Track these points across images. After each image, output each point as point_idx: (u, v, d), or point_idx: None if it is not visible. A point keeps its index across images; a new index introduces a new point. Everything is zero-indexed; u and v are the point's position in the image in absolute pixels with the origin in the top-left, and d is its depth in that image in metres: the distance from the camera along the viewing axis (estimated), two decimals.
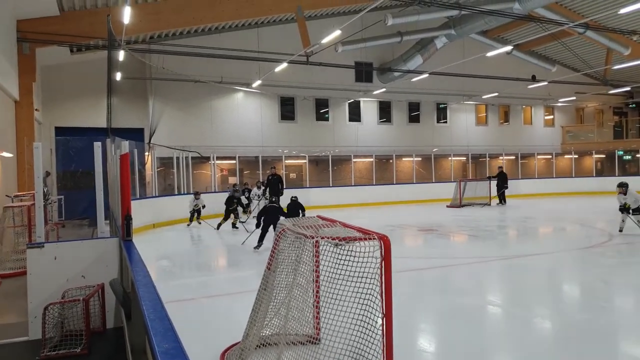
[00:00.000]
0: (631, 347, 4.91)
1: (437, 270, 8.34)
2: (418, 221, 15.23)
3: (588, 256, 9.26)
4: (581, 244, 10.58)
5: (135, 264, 4.20)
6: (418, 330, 5.51)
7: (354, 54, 21.07)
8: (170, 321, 2.27)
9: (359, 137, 22.64)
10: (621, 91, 27.40)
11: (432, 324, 5.77)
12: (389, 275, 3.41)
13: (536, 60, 24.03)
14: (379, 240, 3.47)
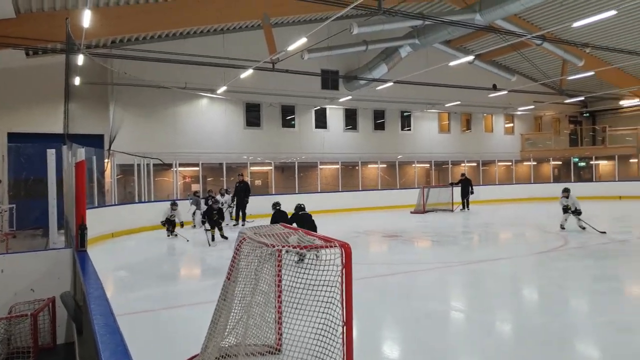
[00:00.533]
0: (585, 349, 5.07)
1: (401, 276, 8.39)
2: (383, 227, 15.34)
3: (545, 260, 9.52)
4: (539, 249, 10.88)
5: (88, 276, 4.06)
6: (381, 337, 5.53)
7: (320, 61, 21.17)
8: (122, 335, 2.19)
9: (325, 143, 22.72)
10: (576, 101, 28.50)
11: (396, 330, 5.79)
12: (349, 283, 3.40)
13: (497, 70, 24.71)
14: (340, 248, 3.45)
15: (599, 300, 6.76)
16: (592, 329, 5.51)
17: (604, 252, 10.09)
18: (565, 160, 28.28)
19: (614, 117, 30.50)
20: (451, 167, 25.52)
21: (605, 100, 28.71)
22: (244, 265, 4.33)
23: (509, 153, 28.19)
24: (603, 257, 9.52)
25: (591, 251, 10.20)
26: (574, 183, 24.83)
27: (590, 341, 5.24)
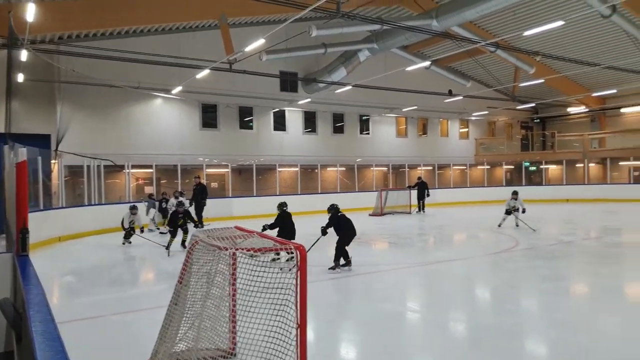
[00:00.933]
0: (535, 347, 5.20)
1: (359, 277, 8.41)
2: None
3: (497, 261, 9.76)
4: (491, 250, 11.16)
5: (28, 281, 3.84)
6: (339, 338, 5.51)
7: (279, 63, 21.05)
8: (62, 343, 2.07)
9: (284, 146, 22.61)
10: (527, 107, 29.59)
11: (353, 332, 5.79)
12: (304, 285, 3.38)
13: (452, 76, 25.31)
14: (295, 250, 3.45)
15: (547, 300, 6.96)
16: (541, 328, 5.66)
17: (552, 253, 10.44)
18: (517, 164, 29.28)
19: (563, 124, 31.87)
20: (408, 170, 25.92)
21: (555, 107, 29.96)
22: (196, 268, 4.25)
23: (464, 157, 28.92)
24: (551, 258, 9.85)
25: (540, 252, 10.53)
26: (525, 186, 25.75)
27: (539, 339, 5.37)
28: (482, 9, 14.87)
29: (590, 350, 4.87)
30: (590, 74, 24.89)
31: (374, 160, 25.20)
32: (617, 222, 16.52)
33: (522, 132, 32.27)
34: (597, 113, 29.71)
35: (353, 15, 14.82)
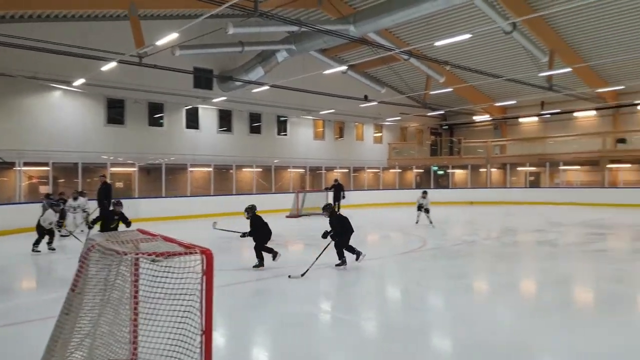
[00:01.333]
0: (439, 342, 5.37)
1: (272, 280, 8.25)
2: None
3: (407, 260, 10.02)
4: (401, 250, 11.46)
5: None
6: (249, 343, 5.35)
7: (193, 59, 20.32)
8: None
9: (197, 145, 21.82)
10: (437, 114, 31.09)
11: (264, 336, 5.65)
12: (210, 291, 3.25)
13: (368, 81, 25.92)
14: (200, 255, 3.29)
15: (450, 296, 7.24)
16: (446, 324, 5.87)
17: (456, 252, 10.92)
18: (427, 168, 30.64)
19: (469, 131, 33.85)
20: (325, 172, 26.16)
21: (462, 114, 31.73)
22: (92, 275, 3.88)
23: (378, 161, 29.76)
24: (455, 257, 10.28)
25: (446, 252, 10.98)
26: (434, 189, 26.91)
27: (443, 335, 5.57)
28: (397, 17, 15.30)
29: (488, 343, 5.07)
30: (494, 85, 26.65)
31: (292, 161, 25.14)
32: (514, 223, 17.73)
33: (432, 137, 33.84)
34: (499, 122, 31.91)
35: (271, 15, 14.61)
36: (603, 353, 4.72)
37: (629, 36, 20.27)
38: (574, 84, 24.02)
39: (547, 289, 7.76)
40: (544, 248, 11.84)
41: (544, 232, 14.86)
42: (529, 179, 29.44)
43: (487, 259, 10.39)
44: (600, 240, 12.96)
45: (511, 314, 6.24)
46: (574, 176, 27.93)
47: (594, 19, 19.53)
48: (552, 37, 20.76)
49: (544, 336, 5.26)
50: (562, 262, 9.80)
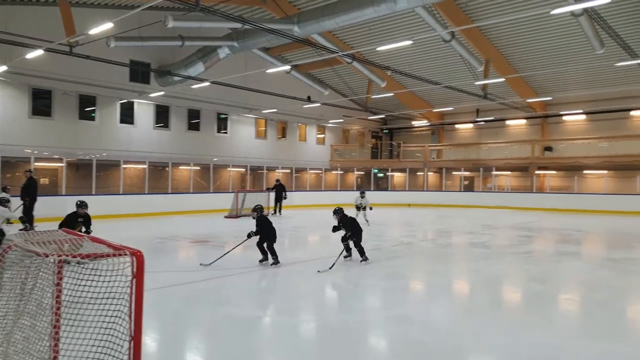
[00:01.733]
0: (375, 341, 5.39)
1: (209, 282, 7.99)
2: (192, 232, 14.64)
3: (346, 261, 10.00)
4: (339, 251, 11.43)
5: None
6: (184, 348, 5.11)
7: (130, 51, 19.45)
8: None
9: (131, 141, 20.87)
10: (378, 118, 31.62)
11: (199, 340, 5.44)
12: (140, 294, 3.11)
13: (311, 83, 25.91)
14: (130, 257, 3.15)
15: (387, 296, 7.30)
16: (381, 323, 5.90)
17: (394, 252, 11.07)
18: (367, 170, 31.09)
19: (407, 135, 34.71)
20: (266, 172, 25.87)
21: (401, 119, 32.48)
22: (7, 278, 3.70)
23: (320, 162, 29.84)
24: (393, 258, 10.41)
25: (384, 252, 11.09)
26: (374, 191, 27.35)
27: (379, 333, 5.60)
28: (341, 20, 15.36)
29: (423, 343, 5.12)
30: (433, 91, 27.46)
31: (232, 160, 24.65)
32: (449, 225, 18.28)
33: (373, 141, 34.41)
34: (437, 127, 32.94)
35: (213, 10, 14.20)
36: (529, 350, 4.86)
37: (557, 51, 21.52)
38: (506, 94, 25.19)
39: (479, 289, 7.99)
40: (477, 249, 12.25)
41: (476, 234, 15.40)
42: (464, 183, 30.58)
43: (424, 259, 10.59)
44: (528, 242, 13.59)
45: (446, 313, 6.35)
46: (505, 181, 29.31)
47: (526, 33, 20.57)
48: (488, 47, 21.67)
49: (476, 335, 5.38)
50: (494, 263, 10.15)
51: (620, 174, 25.16)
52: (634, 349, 5.00)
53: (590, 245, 13.55)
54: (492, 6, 18.55)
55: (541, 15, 18.27)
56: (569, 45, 20.75)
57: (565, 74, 23.67)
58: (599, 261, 10.40)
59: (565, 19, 18.13)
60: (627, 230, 16.23)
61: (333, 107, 27.83)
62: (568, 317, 6.42)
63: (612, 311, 6.52)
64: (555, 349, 4.92)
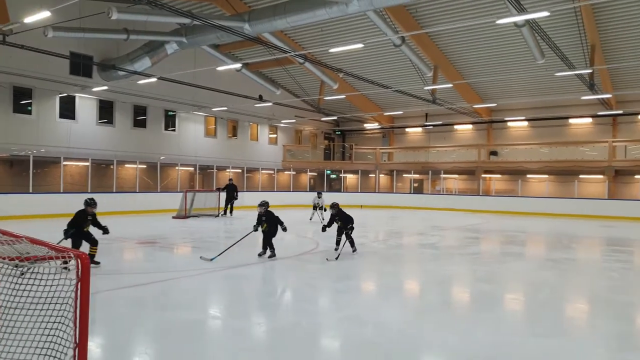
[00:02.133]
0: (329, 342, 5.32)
1: (157, 285, 7.68)
2: (139, 233, 14.06)
3: (298, 263, 9.88)
4: (294, 252, 11.30)
5: None
6: (131, 353, 4.84)
7: (70, 42, 18.49)
8: None
9: (72, 137, 19.81)
10: (330, 119, 31.70)
11: (147, 344, 5.18)
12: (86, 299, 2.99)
13: (263, 82, 25.62)
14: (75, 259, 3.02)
15: (340, 298, 7.23)
16: (336, 324, 5.83)
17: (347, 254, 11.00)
18: (320, 171, 31.11)
19: (360, 137, 35.03)
20: (216, 172, 25.32)
21: (353, 121, 32.73)
22: None
23: (272, 162, 29.56)
24: (346, 259, 10.35)
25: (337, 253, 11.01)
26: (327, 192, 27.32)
27: (332, 335, 5.52)
28: (292, 20, 15.24)
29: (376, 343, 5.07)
30: (384, 95, 27.81)
31: (180, 159, 23.95)
32: (400, 227, 18.53)
33: (325, 142, 34.50)
34: (388, 130, 33.44)
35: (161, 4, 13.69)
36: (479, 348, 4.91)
37: (501, 59, 22.34)
38: (454, 99, 25.90)
39: (430, 289, 8.06)
40: (427, 250, 12.43)
41: (426, 235, 15.67)
42: (413, 185, 31.18)
43: (376, 260, 10.61)
44: (475, 244, 13.95)
45: (398, 313, 6.33)
46: (453, 184, 30.13)
47: (473, 41, 21.21)
48: (436, 53, 22.17)
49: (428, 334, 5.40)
50: (443, 264, 10.30)
51: (560, 179, 26.45)
52: (575, 345, 5.16)
53: (533, 247, 14.08)
54: (441, 13, 18.99)
55: (487, 25, 18.89)
56: (512, 55, 21.58)
57: (509, 81, 24.62)
58: (541, 262, 10.78)
59: (509, 29, 18.82)
60: (566, 232, 17.01)
61: (285, 107, 27.63)
62: (515, 315, 6.56)
63: (554, 309, 6.73)
64: (504, 346, 4.99)
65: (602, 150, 24.72)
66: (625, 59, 20.40)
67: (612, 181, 24.35)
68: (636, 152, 24.37)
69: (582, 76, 19.52)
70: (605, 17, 17.95)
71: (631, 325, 6.23)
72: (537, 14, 13.10)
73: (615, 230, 17.76)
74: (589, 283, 8.58)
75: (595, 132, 26.45)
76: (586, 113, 25.84)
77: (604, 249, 13.27)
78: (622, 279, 9.05)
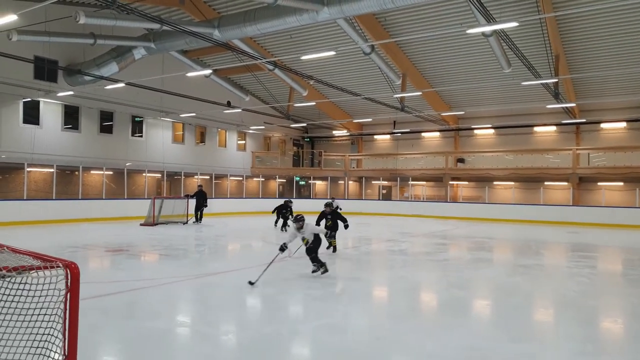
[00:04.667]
0: (304, 351, 5.31)
1: (125, 294, 7.50)
2: (106, 241, 13.73)
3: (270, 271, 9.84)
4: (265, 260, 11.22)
5: None
6: None
7: (35, 46, 18.00)
8: None
9: (36, 142, 19.22)
10: (300, 126, 31.80)
11: (120, 356, 5.05)
12: (75, 309, 2.98)
13: (232, 88, 25.50)
14: (64, 269, 3.00)
15: (316, 305, 7.26)
16: (309, 331, 5.84)
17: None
18: (289, 178, 31.12)
19: (329, 144, 35.24)
20: (184, 178, 24.98)
21: (322, 128, 32.92)
22: None
23: (241, 169, 29.39)
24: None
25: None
26: (296, 199, 27.35)
27: (306, 342, 5.53)
28: (262, 27, 15.28)
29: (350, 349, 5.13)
30: (353, 102, 28.13)
31: (147, 165, 23.53)
32: (369, 233, 18.72)
33: (294, 149, 34.56)
34: (356, 137, 33.77)
35: (129, 8, 13.50)
36: (453, 353, 5.03)
37: (469, 68, 22.96)
38: (422, 107, 26.43)
39: (403, 295, 8.18)
40: (398, 257, 12.61)
41: (396, 241, 15.90)
42: (382, 192, 31.56)
43: (347, 266, 10.71)
44: (445, 250, 14.23)
45: (372, 320, 6.42)
46: (421, 191, 30.65)
47: (440, 50, 21.74)
48: (405, 62, 22.61)
49: (402, 340, 5.47)
50: (415, 270, 10.49)
51: (525, 185, 27.30)
52: (547, 349, 5.35)
53: (503, 253, 14.45)
54: (410, 23, 19.40)
55: (455, 34, 19.41)
56: (480, 64, 22.22)
57: (477, 90, 25.31)
58: (512, 267, 11.08)
59: (477, 38, 19.40)
60: (534, 238, 17.53)
61: (254, 114, 27.56)
62: (487, 321, 6.75)
63: (526, 314, 6.96)
64: (477, 351, 5.13)
65: (566, 158, 25.65)
66: (588, 69, 21.32)
67: (576, 188, 25.28)
68: (598, 160, 25.42)
69: (548, 85, 20.26)
70: (568, 28, 18.73)
71: (600, 330, 6.50)
72: (505, 24, 13.51)
73: (580, 236, 18.39)
74: (559, 288, 8.88)
75: (559, 140, 27.43)
76: (551, 121, 26.80)
77: (572, 255, 13.74)
78: (591, 283, 9.41)
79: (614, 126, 25.93)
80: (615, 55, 20.20)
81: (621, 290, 9.01)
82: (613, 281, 10.02)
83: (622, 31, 18.41)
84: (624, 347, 5.67)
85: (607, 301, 8.06)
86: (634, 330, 6.31)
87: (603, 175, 24.63)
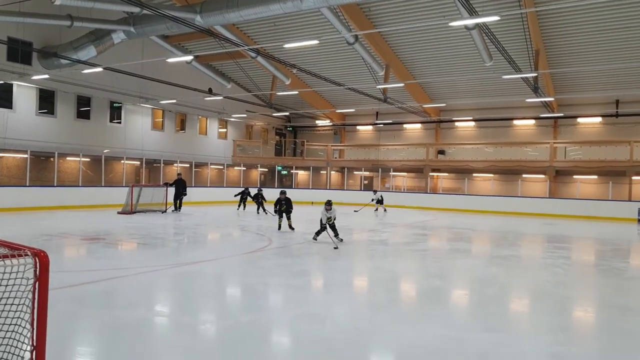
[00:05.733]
0: (284, 340, 5.33)
1: (102, 283, 7.36)
2: (82, 229, 13.48)
3: (252, 259, 9.81)
4: (245, 249, 11.21)
5: None
6: (79, 354, 4.68)
7: (8, 27, 17.49)
8: None
9: (9, 127, 18.73)
10: (282, 115, 31.63)
11: (96, 345, 4.96)
12: (44, 299, 2.90)
13: (213, 75, 25.16)
14: (32, 257, 2.91)
15: (296, 294, 7.24)
16: (290, 321, 5.82)
17: (300, 250, 11.08)
18: (271, 167, 30.96)
19: (311, 134, 35.13)
20: (163, 166, 24.65)
21: (305, 118, 32.78)
22: None
23: (222, 157, 29.12)
24: (299, 255, 10.40)
25: (290, 251, 11.05)
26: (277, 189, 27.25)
27: (285, 332, 5.52)
28: (245, 14, 15.08)
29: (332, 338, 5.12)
30: (336, 92, 28.04)
31: (126, 152, 23.15)
32: (350, 223, 18.75)
33: (277, 138, 34.37)
34: (339, 127, 33.73)
35: None
36: (432, 342, 5.09)
37: (451, 60, 23.05)
38: (404, 98, 26.48)
39: (383, 285, 8.22)
40: (379, 247, 12.68)
41: (377, 232, 15.98)
42: (364, 182, 31.64)
43: (329, 256, 10.70)
44: (425, 240, 14.35)
45: (352, 309, 6.43)
46: (402, 181, 30.82)
47: (423, 42, 21.76)
48: (388, 53, 22.58)
49: (382, 330, 5.51)
50: (395, 260, 10.55)
51: (504, 177, 27.67)
52: (522, 339, 5.43)
53: (481, 244, 14.63)
54: (394, 13, 19.34)
55: (438, 26, 19.43)
56: (462, 56, 22.31)
57: (458, 82, 25.45)
58: (490, 258, 11.22)
59: (459, 31, 19.45)
60: (511, 230, 17.80)
61: (236, 102, 27.28)
62: (466, 310, 6.82)
63: (502, 305, 7.05)
64: (457, 340, 5.18)
65: (544, 151, 26.07)
66: (566, 64, 21.60)
67: (553, 181, 25.74)
68: (575, 154, 25.91)
69: (527, 79, 20.48)
70: (549, 24, 18.92)
71: (573, 319, 6.63)
72: (488, 17, 13.57)
73: (556, 227, 18.76)
74: (535, 278, 9.03)
75: (537, 134, 27.83)
76: (530, 115, 27.17)
77: (548, 246, 13.99)
78: (565, 274, 9.59)
79: (589, 121, 26.43)
80: (593, 52, 20.50)
81: (594, 280, 9.21)
82: (586, 271, 10.24)
83: (600, 28, 18.68)
84: (596, 336, 5.80)
85: (580, 292, 8.22)
86: (604, 319, 6.46)
87: (578, 168, 25.12)
